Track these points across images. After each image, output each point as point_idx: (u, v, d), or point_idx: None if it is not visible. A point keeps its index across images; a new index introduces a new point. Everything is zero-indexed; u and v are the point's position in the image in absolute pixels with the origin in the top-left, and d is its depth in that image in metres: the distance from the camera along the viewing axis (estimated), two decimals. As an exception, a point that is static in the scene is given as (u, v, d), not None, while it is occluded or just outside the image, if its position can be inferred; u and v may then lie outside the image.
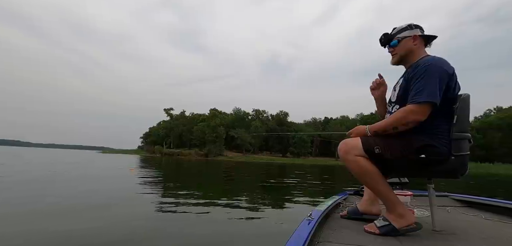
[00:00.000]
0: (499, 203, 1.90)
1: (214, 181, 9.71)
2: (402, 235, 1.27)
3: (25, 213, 3.55)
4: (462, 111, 1.27)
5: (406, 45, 1.40)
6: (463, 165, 1.27)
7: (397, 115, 1.29)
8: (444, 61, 1.28)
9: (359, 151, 1.30)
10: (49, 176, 8.25)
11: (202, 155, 62.64)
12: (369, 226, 1.35)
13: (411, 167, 1.32)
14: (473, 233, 1.36)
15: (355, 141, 1.34)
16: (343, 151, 1.33)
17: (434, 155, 1.24)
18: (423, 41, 1.41)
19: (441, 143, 1.26)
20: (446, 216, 1.77)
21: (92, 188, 6.15)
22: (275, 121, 74.63)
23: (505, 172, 30.87)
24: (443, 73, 1.23)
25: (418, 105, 1.22)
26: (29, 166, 12.08)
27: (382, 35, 1.48)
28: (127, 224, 3.27)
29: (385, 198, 1.32)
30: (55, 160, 19.00)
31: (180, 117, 78.65)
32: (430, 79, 1.22)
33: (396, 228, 1.27)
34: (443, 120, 1.29)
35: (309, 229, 1.12)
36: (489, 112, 64.33)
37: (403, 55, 1.42)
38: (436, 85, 1.21)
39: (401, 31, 1.41)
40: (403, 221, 1.28)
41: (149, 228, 3.07)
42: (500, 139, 50.39)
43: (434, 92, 1.20)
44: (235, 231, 3.18)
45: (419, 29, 1.41)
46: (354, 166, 1.31)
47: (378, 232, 1.29)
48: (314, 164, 46.27)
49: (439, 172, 1.31)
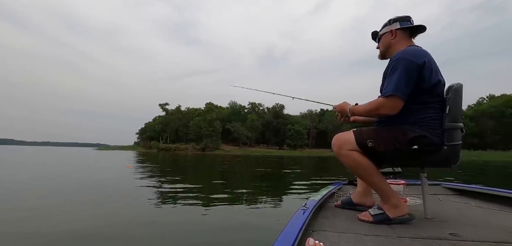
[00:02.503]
0: (489, 190, 1.95)
1: (210, 174, 9.72)
2: (395, 224, 1.30)
3: (15, 211, 3.52)
4: (454, 101, 1.28)
5: (385, 40, 1.48)
6: (455, 154, 1.29)
7: (371, 105, 1.36)
8: (413, 52, 1.30)
9: (352, 145, 1.32)
10: (40, 176, 8.17)
11: (199, 149, 62.56)
12: (363, 215, 1.38)
13: (404, 158, 1.34)
14: (464, 220, 1.40)
15: (348, 135, 1.35)
16: (337, 146, 1.36)
17: (427, 145, 1.26)
18: (405, 34, 1.44)
19: (434, 133, 1.27)
20: (438, 204, 1.81)
21: (88, 186, 6.12)
22: (271, 114, 74.66)
23: (498, 159, 31.48)
24: (409, 65, 1.26)
25: (386, 98, 1.28)
26: (18, 167, 11.93)
27: (372, 33, 1.59)
28: (123, 221, 3.27)
29: (379, 190, 1.34)
30: (47, 159, 18.76)
31: (175, 112, 78.20)
32: (396, 73, 1.27)
33: (390, 217, 1.30)
34: (435, 111, 1.30)
35: (303, 219, 1.14)
36: (481, 100, 65.17)
37: (384, 51, 1.50)
38: (402, 79, 1.25)
39: (382, 28, 1.50)
40: (397, 211, 1.31)
41: (144, 225, 3.07)
42: (492, 126, 51.20)
43: (398, 85, 1.25)
44: (230, 222, 3.21)
45: (399, 23, 1.43)
46: (348, 160, 1.33)
47: (372, 220, 1.32)
48: (310, 155, 46.56)
49: (432, 162, 1.33)
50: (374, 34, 1.58)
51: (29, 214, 3.41)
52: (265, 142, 76.21)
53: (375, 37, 1.58)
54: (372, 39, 1.60)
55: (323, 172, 11.11)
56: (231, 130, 68.85)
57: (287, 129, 70.17)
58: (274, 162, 19.96)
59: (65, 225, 2.99)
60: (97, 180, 7.27)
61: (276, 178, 8.64)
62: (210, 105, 75.22)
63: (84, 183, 6.45)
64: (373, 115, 1.42)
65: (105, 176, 8.27)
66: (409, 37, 1.44)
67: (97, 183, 6.54)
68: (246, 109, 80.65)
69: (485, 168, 14.51)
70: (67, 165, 12.32)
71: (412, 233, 1.17)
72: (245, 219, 3.36)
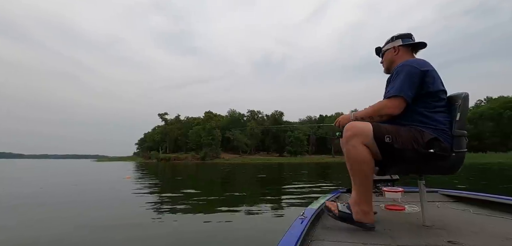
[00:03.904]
0: (487, 197, 1.94)
1: (209, 183, 9.67)
2: (396, 232, 1.29)
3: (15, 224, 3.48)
4: (464, 109, 1.30)
5: (388, 56, 1.57)
6: (460, 161, 1.31)
7: (374, 107, 1.40)
8: (417, 61, 1.39)
9: (366, 138, 1.27)
10: (39, 191, 8.09)
11: (198, 158, 62.35)
12: (331, 204, 1.43)
13: (417, 161, 1.29)
14: (462, 228, 1.39)
15: (365, 125, 1.29)
16: (349, 135, 1.29)
17: (441, 150, 1.26)
18: (407, 50, 1.52)
19: (446, 138, 1.28)
20: (436, 211, 1.80)
21: (87, 199, 6.06)
22: (271, 122, 74.71)
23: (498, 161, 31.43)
24: (411, 70, 1.33)
25: (389, 99, 1.34)
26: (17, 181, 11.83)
27: (375, 49, 1.67)
28: (122, 232, 3.23)
29: (361, 193, 1.32)
30: (46, 173, 18.62)
31: (175, 121, 78.23)
32: (399, 77, 1.34)
33: (353, 220, 1.33)
34: (445, 117, 1.32)
35: (301, 228, 1.13)
36: (479, 102, 65.46)
37: (388, 66, 1.58)
38: (405, 82, 1.32)
39: (385, 44, 1.59)
40: (363, 217, 1.32)
41: (143, 236, 3.04)
42: (491, 128, 51.28)
43: (402, 87, 1.31)
44: (227, 232, 3.17)
45: (401, 39, 1.51)
46: (354, 151, 1.27)
47: (337, 214, 1.37)
48: (310, 161, 46.42)
49: (439, 168, 1.33)
50: (377, 50, 1.65)
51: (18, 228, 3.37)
52: (265, 149, 76.08)
53: (378, 53, 1.65)
54: (376, 54, 1.68)
55: (323, 178, 11.06)
56: (231, 138, 68.78)
57: (287, 136, 70.12)
58: (274, 169, 19.88)
59: (69, 237, 2.97)
60: (96, 190, 7.22)
61: (275, 185, 8.59)
62: (209, 114, 75.33)
63: (83, 195, 6.39)
64: (374, 117, 1.39)
65: (104, 187, 8.21)
66: (411, 53, 1.52)
67: (95, 194, 6.49)
68: (245, 117, 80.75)
69: (486, 171, 14.47)
70: (67, 176, 12.24)
71: (411, 241, 1.16)
72: (243, 229, 3.33)
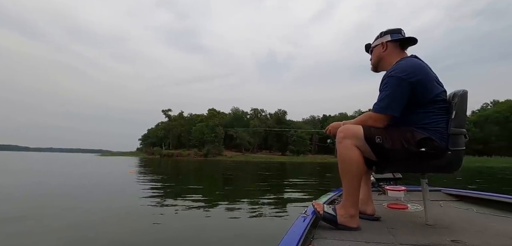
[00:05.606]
0: (490, 196, 1.93)
1: (212, 180, 9.71)
2: (394, 232, 1.29)
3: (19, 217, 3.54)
4: (460, 107, 1.29)
5: (376, 53, 1.52)
6: (458, 160, 1.29)
7: (362, 118, 1.40)
8: (406, 68, 1.31)
9: (358, 139, 1.30)
10: (40, 184, 8.21)
11: (201, 155, 62.56)
12: (317, 204, 1.40)
13: (409, 159, 1.31)
14: (465, 227, 1.38)
15: (357, 128, 1.32)
16: (342, 135, 1.32)
17: (433, 148, 1.26)
18: (396, 46, 1.46)
19: (440, 137, 1.28)
20: (439, 210, 1.79)
21: (91, 191, 6.14)
22: (274, 120, 74.58)
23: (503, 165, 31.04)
24: (401, 83, 1.28)
25: (375, 113, 1.33)
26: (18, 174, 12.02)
27: (365, 45, 1.62)
28: (126, 226, 3.27)
29: (350, 195, 1.32)
30: (50, 166, 18.86)
31: (178, 118, 78.51)
32: (387, 91, 1.31)
33: (337, 223, 1.31)
34: (441, 116, 1.31)
35: (304, 226, 1.13)
36: (485, 106, 64.62)
37: (376, 63, 1.53)
38: (393, 98, 1.29)
39: (374, 40, 1.53)
40: (347, 221, 1.31)
41: (146, 229, 3.07)
42: (497, 132, 50.59)
43: (389, 104, 1.30)
44: (229, 230, 3.19)
45: (390, 35, 1.46)
46: (346, 152, 1.30)
47: (322, 215, 1.34)
48: (313, 161, 46.32)
49: (435, 166, 1.32)
50: (367, 46, 1.60)
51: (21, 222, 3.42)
52: (268, 148, 76.03)
53: (367, 49, 1.60)
54: (366, 51, 1.62)
55: (325, 178, 11.04)
56: (234, 135, 68.86)
57: (290, 135, 69.94)
58: (277, 168, 19.88)
59: (73, 231, 3.01)
60: (100, 185, 7.30)
61: (278, 184, 8.60)
62: (213, 111, 75.45)
63: (86, 189, 6.48)
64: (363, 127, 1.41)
65: (108, 181, 8.30)
66: (400, 49, 1.45)
67: (100, 188, 6.57)
68: (249, 115, 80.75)
69: (490, 174, 14.30)
70: (72, 170, 12.38)
71: (414, 240, 1.16)
72: (245, 227, 3.34)
